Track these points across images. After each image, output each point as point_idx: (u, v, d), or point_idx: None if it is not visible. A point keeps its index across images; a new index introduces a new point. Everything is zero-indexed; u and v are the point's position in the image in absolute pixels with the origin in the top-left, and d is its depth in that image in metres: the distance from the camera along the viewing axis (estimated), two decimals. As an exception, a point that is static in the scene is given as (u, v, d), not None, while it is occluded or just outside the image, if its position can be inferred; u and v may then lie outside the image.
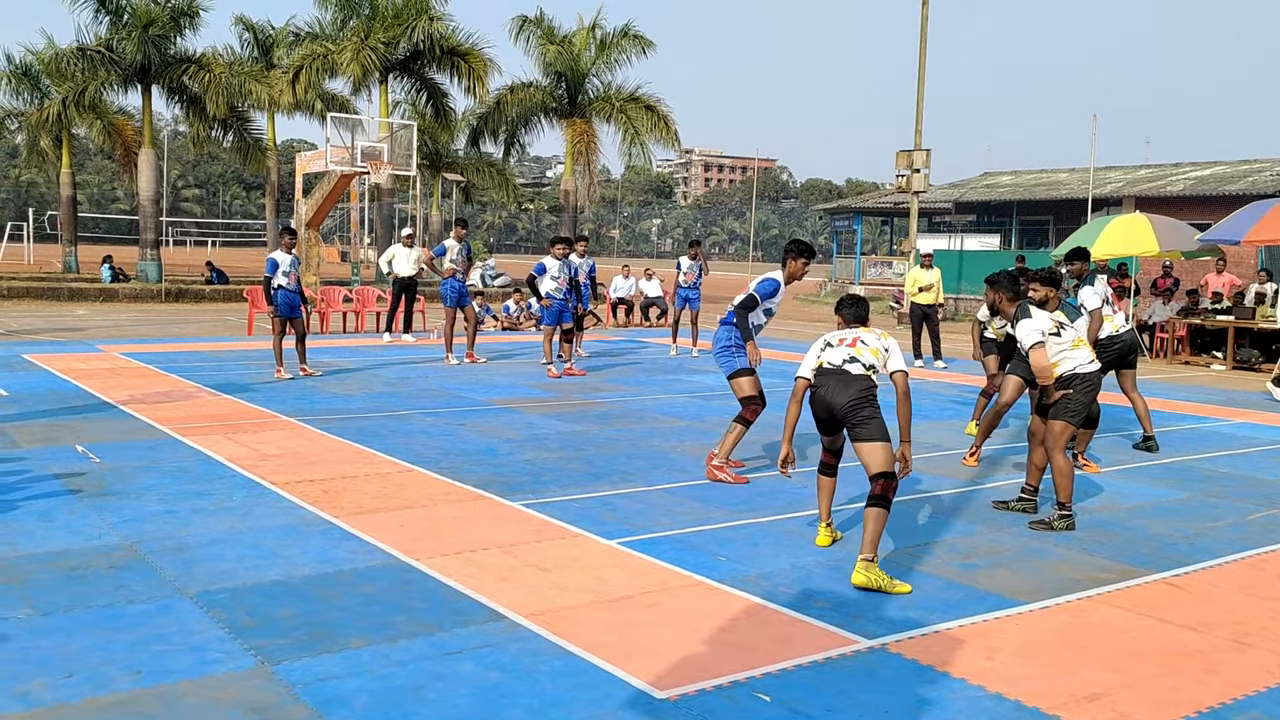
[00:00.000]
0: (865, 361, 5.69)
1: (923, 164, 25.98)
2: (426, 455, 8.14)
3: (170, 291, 26.50)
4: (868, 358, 5.70)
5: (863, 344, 5.76)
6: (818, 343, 5.89)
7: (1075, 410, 6.63)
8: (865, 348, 5.74)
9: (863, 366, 5.67)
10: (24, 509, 6.19)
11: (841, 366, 5.67)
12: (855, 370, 5.65)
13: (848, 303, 6.15)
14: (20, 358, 13.39)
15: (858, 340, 5.79)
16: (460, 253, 14.50)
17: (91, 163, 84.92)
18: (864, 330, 5.91)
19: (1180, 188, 32.47)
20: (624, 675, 4.08)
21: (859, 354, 5.71)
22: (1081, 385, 6.68)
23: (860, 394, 5.57)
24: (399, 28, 29.36)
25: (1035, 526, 6.52)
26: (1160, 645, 4.64)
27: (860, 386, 5.59)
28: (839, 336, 5.88)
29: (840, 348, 5.77)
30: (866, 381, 5.63)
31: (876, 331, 5.89)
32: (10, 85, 34.03)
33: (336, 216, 60.43)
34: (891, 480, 5.44)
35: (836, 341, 5.84)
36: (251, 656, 4.14)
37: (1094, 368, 6.77)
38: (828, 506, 6.01)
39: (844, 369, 5.66)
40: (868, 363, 5.69)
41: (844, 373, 5.65)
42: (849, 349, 5.75)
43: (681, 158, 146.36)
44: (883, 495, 5.40)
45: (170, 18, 28.33)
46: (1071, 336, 6.82)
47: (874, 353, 5.73)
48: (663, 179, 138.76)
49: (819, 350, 5.83)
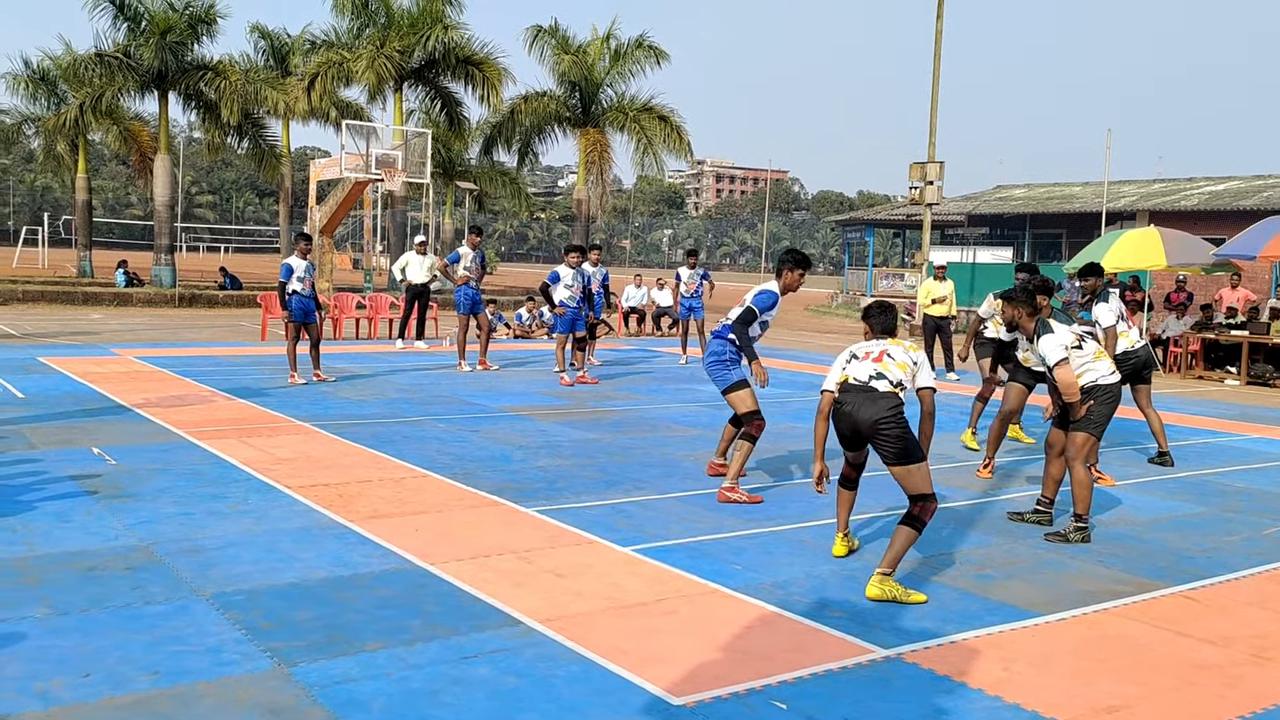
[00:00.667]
0: (893, 378, 5.46)
1: (936, 176, 25.94)
2: (440, 461, 8.15)
3: (184, 296, 26.62)
4: (895, 373, 5.48)
5: (890, 358, 5.53)
6: (843, 355, 5.71)
7: (1098, 422, 6.61)
8: (893, 362, 5.51)
9: (890, 383, 5.44)
10: (41, 510, 6.21)
11: (868, 383, 5.46)
12: (882, 387, 5.43)
13: (875, 311, 5.86)
14: (36, 361, 13.46)
15: (885, 354, 5.55)
16: (474, 260, 14.54)
17: (107, 168, 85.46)
18: (892, 343, 5.66)
19: (1194, 202, 32.38)
20: (640, 682, 4.07)
21: (886, 369, 5.48)
22: (1103, 396, 6.66)
23: (888, 413, 5.34)
24: (414, 36, 29.50)
25: (1051, 538, 6.49)
26: (1179, 658, 4.61)
27: (888, 405, 5.37)
28: (865, 349, 5.65)
29: (866, 362, 5.55)
30: (894, 399, 5.40)
31: (905, 344, 5.67)
32: (28, 90, 34.31)
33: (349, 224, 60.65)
34: (930, 503, 5.31)
35: (863, 355, 5.61)
36: (268, 658, 4.14)
37: (1115, 379, 6.76)
38: (846, 517, 5.94)
39: (870, 385, 5.45)
40: (895, 379, 5.46)
41: (870, 389, 5.44)
42: (875, 364, 5.52)
43: (693, 168, 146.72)
44: (918, 517, 5.28)
45: (188, 25, 28.51)
46: (1093, 348, 6.80)
47: (902, 367, 5.51)
48: (674, 190, 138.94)
49: (844, 363, 5.64)
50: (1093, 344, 6.85)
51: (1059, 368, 6.52)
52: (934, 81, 25.83)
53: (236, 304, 26.84)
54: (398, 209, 31.21)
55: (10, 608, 4.57)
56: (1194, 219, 30.34)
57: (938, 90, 25.91)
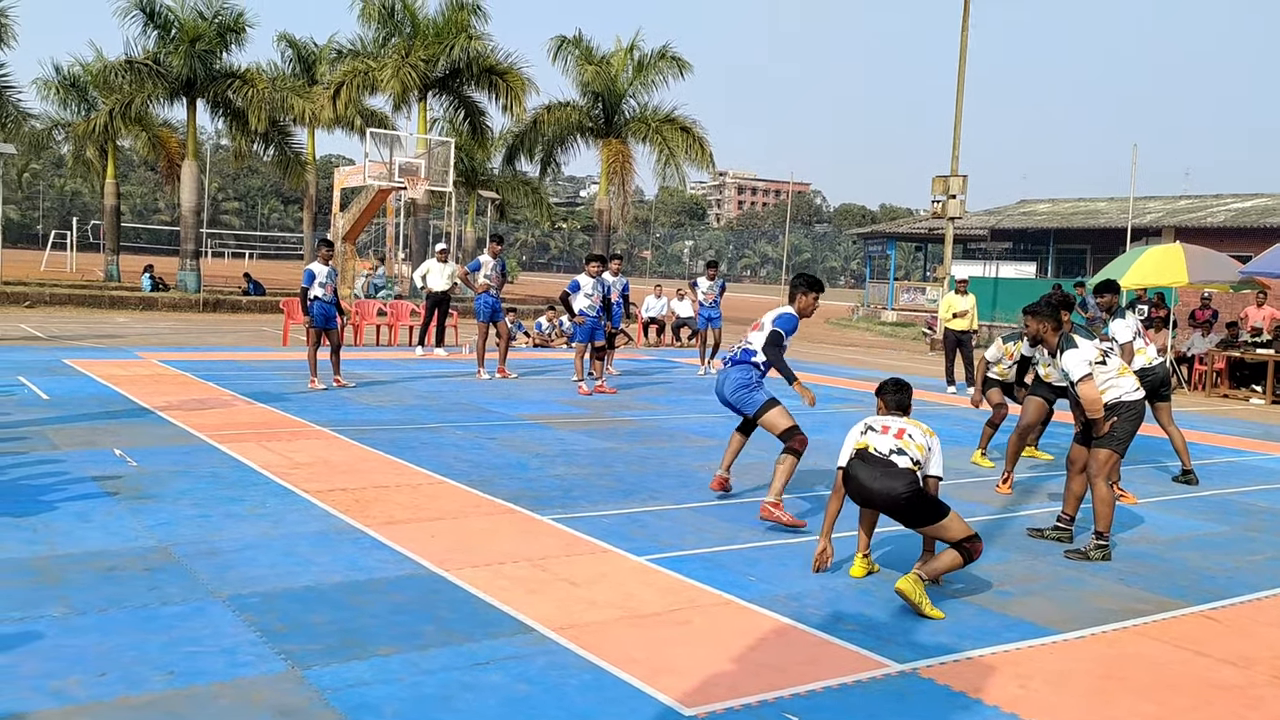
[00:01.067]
0: (912, 456, 5.43)
1: (959, 190, 25.87)
2: (457, 468, 8.17)
3: (208, 301, 26.84)
4: (915, 453, 5.44)
5: (910, 438, 5.50)
6: (857, 427, 5.69)
7: (1121, 439, 6.55)
8: (912, 442, 5.48)
9: (910, 461, 5.41)
10: (62, 510, 6.27)
11: (889, 456, 5.43)
12: (903, 464, 5.40)
13: (890, 388, 5.85)
14: (61, 363, 13.59)
15: (904, 432, 5.53)
16: (495, 269, 14.59)
17: (135, 174, 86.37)
18: (910, 423, 5.62)
19: (1221, 219, 32.13)
20: (652, 691, 4.06)
21: (906, 447, 5.45)
22: (1127, 413, 6.60)
23: (906, 490, 5.33)
24: (439, 46, 29.69)
25: (1071, 555, 6.44)
26: (1199, 678, 4.56)
27: (906, 481, 5.35)
28: (883, 423, 5.62)
29: (886, 436, 5.52)
30: (912, 477, 5.38)
31: (922, 427, 5.63)
32: (58, 96, 34.72)
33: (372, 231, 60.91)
34: (977, 542, 5.35)
35: (880, 428, 5.58)
36: (282, 660, 4.16)
37: (1139, 395, 6.69)
38: (867, 538, 5.82)
39: (891, 460, 5.41)
40: (915, 458, 5.43)
41: (890, 464, 5.40)
42: (896, 440, 5.49)
43: (715, 180, 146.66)
44: (969, 551, 5.32)
45: (217, 33, 28.82)
46: (1117, 364, 6.74)
47: (919, 449, 5.48)
48: (696, 201, 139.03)
49: (859, 433, 5.62)
50: (1117, 360, 6.79)
51: (1082, 383, 6.47)
52: (958, 94, 25.77)
53: (259, 309, 27.04)
54: (420, 217, 31.37)
55: (29, 606, 4.61)
56: (1221, 236, 30.09)
57: (962, 103, 25.85)
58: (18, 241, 71.34)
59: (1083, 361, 6.50)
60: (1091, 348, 6.66)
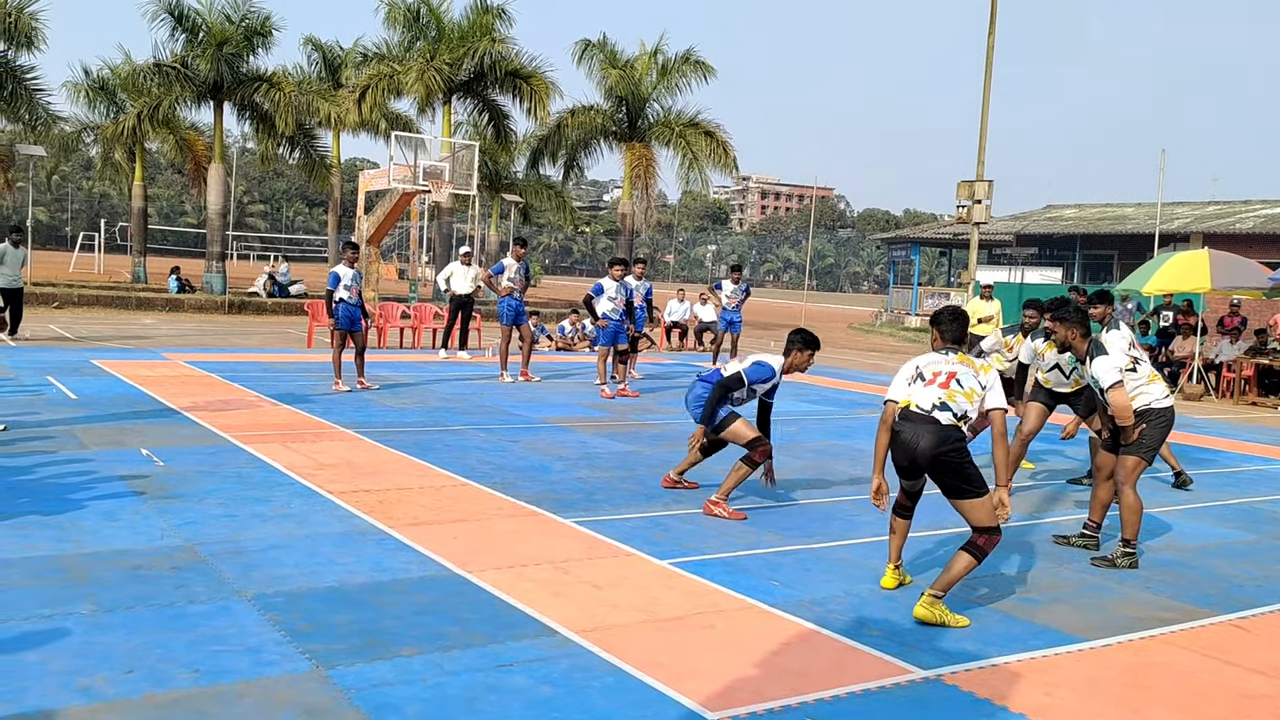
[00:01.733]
0: (957, 410, 5.20)
1: (984, 195, 25.72)
2: (480, 470, 8.19)
3: (233, 303, 27.04)
4: (961, 404, 5.21)
5: (958, 385, 5.24)
6: (909, 367, 5.44)
7: (1149, 446, 6.47)
8: (960, 391, 5.22)
9: (954, 415, 5.20)
10: (89, 509, 6.32)
11: (930, 413, 5.21)
12: (945, 419, 5.19)
13: (946, 318, 5.48)
14: (89, 363, 13.72)
15: (953, 379, 5.25)
16: (518, 272, 14.62)
17: (163, 176, 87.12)
18: (961, 361, 5.35)
19: (1250, 225, 31.80)
20: (675, 695, 4.05)
21: (952, 400, 5.21)
22: (1156, 420, 6.52)
23: (949, 446, 5.14)
24: (463, 49, 29.80)
25: (1097, 563, 6.38)
26: (1228, 688, 4.50)
27: (950, 437, 5.15)
28: (934, 369, 5.33)
29: (933, 387, 5.26)
30: (956, 433, 5.17)
31: (976, 365, 5.37)
32: (87, 99, 35.08)
33: (395, 234, 61.31)
34: (995, 535, 5.14)
35: (930, 376, 5.31)
36: (306, 660, 4.18)
37: (1169, 403, 6.61)
38: (898, 548, 5.66)
39: (933, 416, 5.20)
40: (960, 411, 5.21)
41: (933, 420, 5.19)
42: (941, 390, 5.24)
43: (739, 184, 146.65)
44: (981, 548, 5.12)
45: (244, 36, 29.03)
46: (1147, 371, 6.66)
47: (969, 396, 5.23)
48: (719, 205, 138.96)
49: (910, 378, 5.37)
50: (1147, 367, 6.71)
51: (1113, 391, 6.37)
52: (984, 99, 25.63)
53: (283, 311, 27.22)
54: (444, 220, 31.50)
55: (57, 604, 4.65)
56: (1250, 242, 29.79)
57: (988, 108, 25.71)
58: (47, 243, 72.18)
59: (1113, 369, 6.41)
60: (1122, 354, 6.59)
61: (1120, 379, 6.40)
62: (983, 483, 5.18)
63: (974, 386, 5.27)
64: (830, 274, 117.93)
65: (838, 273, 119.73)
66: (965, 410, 5.23)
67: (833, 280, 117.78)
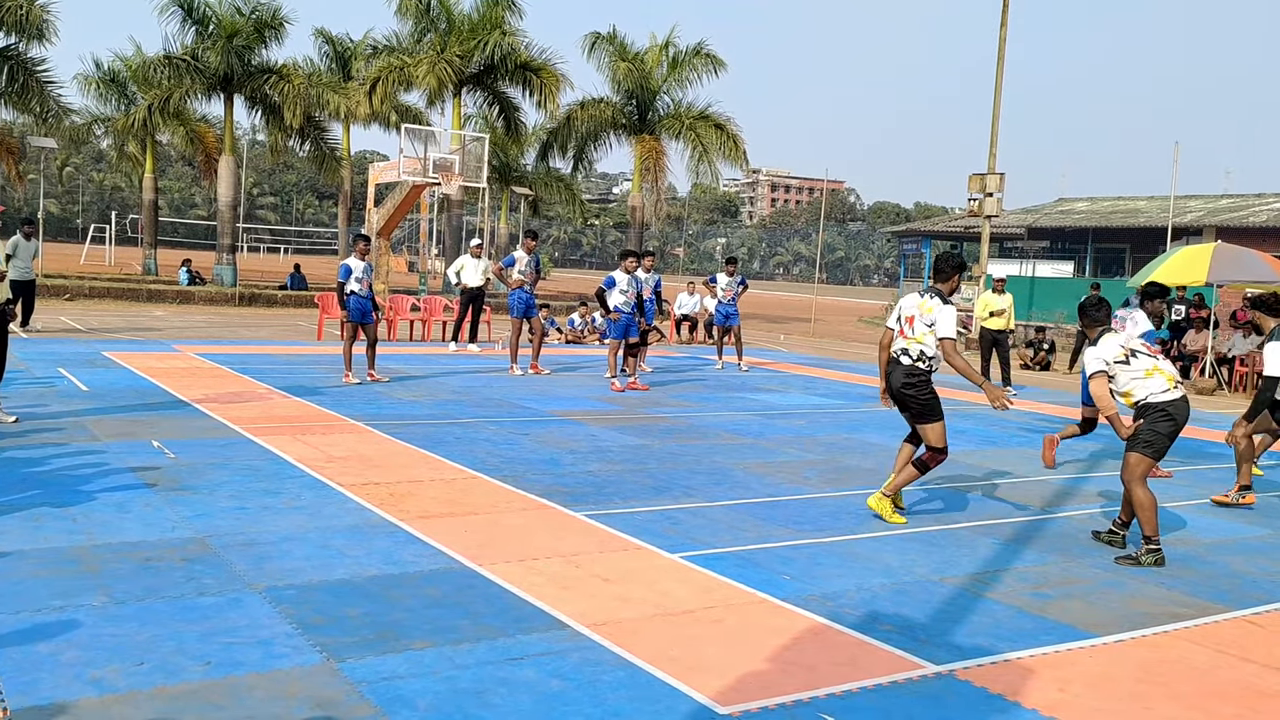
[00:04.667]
0: (913, 352, 6.65)
1: (996, 188, 25.57)
2: (491, 463, 8.19)
3: (244, 295, 27.10)
4: (915, 347, 6.65)
5: (912, 330, 6.67)
6: (899, 305, 6.91)
7: (1148, 441, 6.40)
8: (912, 338, 6.66)
9: (910, 358, 6.65)
10: (101, 500, 6.34)
11: (899, 357, 6.74)
12: (905, 361, 6.68)
13: (940, 262, 6.81)
14: (100, 355, 13.76)
15: (910, 323, 6.69)
16: (529, 265, 14.62)
17: (173, 169, 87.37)
18: (922, 308, 6.65)
19: (1264, 218, 31.61)
20: (686, 689, 4.04)
21: (909, 345, 6.69)
22: (1155, 415, 6.45)
23: (907, 379, 6.63)
24: (474, 42, 29.76)
25: (1122, 562, 6.30)
26: (1243, 684, 4.47)
27: (906, 373, 6.67)
28: (906, 315, 6.77)
29: (900, 339, 6.78)
30: (913, 370, 6.65)
31: (925, 305, 6.64)
32: (98, 91, 35.15)
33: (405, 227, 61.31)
34: (940, 455, 6.69)
35: (905, 319, 6.77)
36: (318, 653, 4.18)
37: (1170, 396, 6.46)
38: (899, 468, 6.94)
39: (899, 359, 6.73)
40: (914, 352, 6.64)
41: (897, 361, 6.76)
42: (902, 339, 6.74)
43: (749, 177, 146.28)
44: (925, 462, 6.68)
45: (254, 29, 29.04)
46: (1145, 364, 6.57)
47: (919, 340, 6.62)
48: (729, 198, 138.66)
49: (895, 316, 6.93)
50: (1145, 360, 6.59)
51: (1092, 380, 6.51)
52: (996, 92, 25.50)
53: (294, 304, 27.26)
54: (454, 213, 31.49)
55: (69, 596, 4.66)
56: (1263, 235, 29.60)
57: (999, 101, 25.57)
58: (58, 235, 72.45)
59: (1095, 359, 6.51)
60: (1114, 345, 6.54)
61: (1101, 369, 6.44)
62: (937, 411, 6.68)
63: (922, 331, 6.64)
64: (840, 267, 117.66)
65: (848, 266, 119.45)
66: (920, 351, 6.67)
67: (843, 273, 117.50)
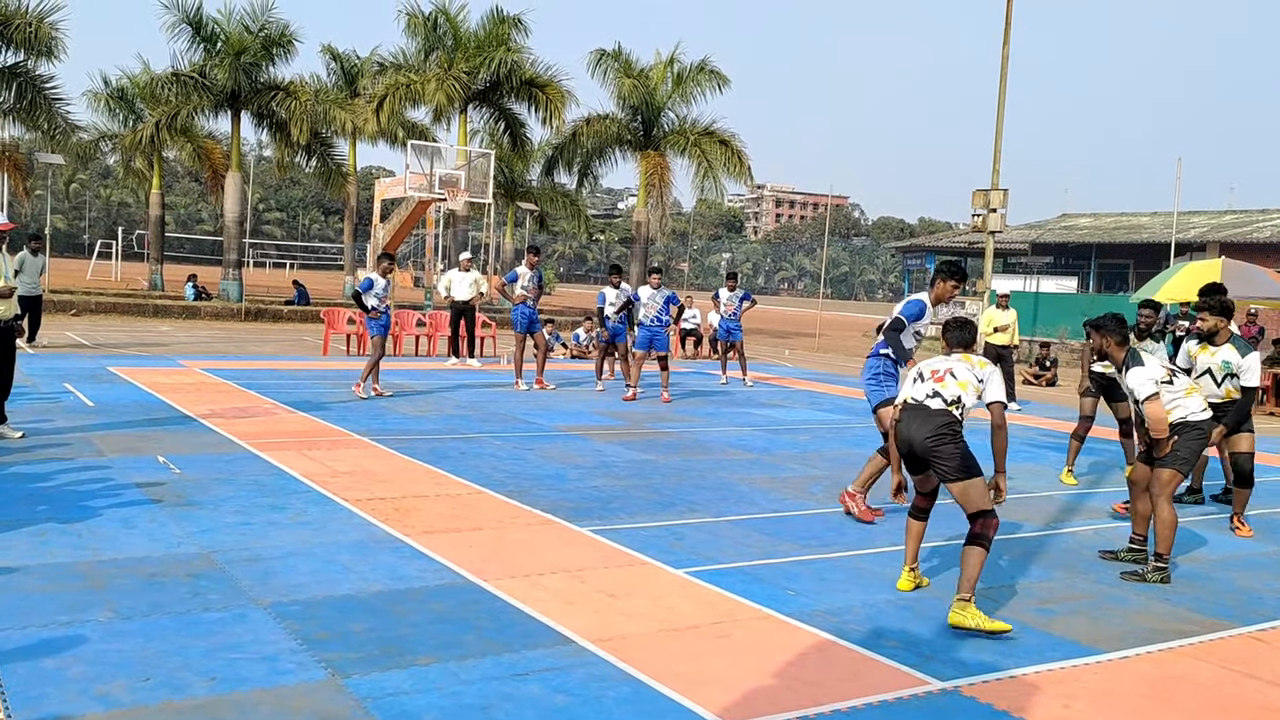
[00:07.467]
0: (948, 396, 5.48)
1: (999, 204, 25.59)
2: (496, 478, 8.20)
3: (250, 310, 27.16)
4: (952, 391, 5.49)
5: (952, 377, 5.53)
6: (912, 372, 5.77)
7: (1185, 459, 6.41)
8: (953, 381, 5.51)
9: (944, 401, 5.47)
10: (107, 516, 6.35)
11: (923, 401, 5.51)
12: (935, 405, 5.47)
13: (953, 326, 5.86)
14: (106, 370, 13.80)
15: (948, 373, 5.56)
16: (532, 280, 14.67)
17: (179, 184, 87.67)
18: (960, 361, 5.64)
19: (1267, 234, 31.61)
20: (691, 705, 4.04)
21: (943, 388, 5.51)
22: (1191, 434, 6.47)
23: (938, 430, 5.37)
24: (480, 59, 29.92)
25: (1127, 578, 6.28)
26: (1247, 701, 4.46)
27: (939, 423, 5.40)
28: (933, 368, 5.65)
29: (928, 382, 5.59)
30: (946, 417, 5.42)
31: (974, 361, 5.64)
32: (106, 108, 35.34)
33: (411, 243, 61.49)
34: (991, 518, 5.27)
35: (929, 374, 5.63)
36: (323, 668, 4.18)
37: (1205, 415, 6.56)
38: (914, 551, 5.76)
39: (924, 404, 5.50)
40: (951, 397, 5.48)
41: (924, 408, 5.49)
42: (935, 383, 5.55)
43: (753, 193, 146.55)
44: (982, 534, 5.22)
45: (262, 46, 29.20)
46: (1185, 384, 6.61)
47: (962, 385, 5.50)
48: (734, 213, 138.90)
49: (912, 380, 5.69)
50: (1184, 379, 6.66)
51: (1149, 403, 6.34)
52: (999, 108, 25.55)
53: (300, 319, 27.32)
54: (459, 228, 31.58)
55: (75, 611, 4.67)
56: (1267, 251, 29.60)
57: (1003, 116, 25.62)
58: (64, 251, 72.64)
59: (1149, 380, 6.37)
60: (1159, 366, 6.54)
61: (1156, 390, 6.35)
62: (974, 467, 5.36)
63: (968, 379, 5.54)
64: (845, 282, 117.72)
65: (852, 281, 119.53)
66: (958, 396, 5.49)
67: (847, 288, 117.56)
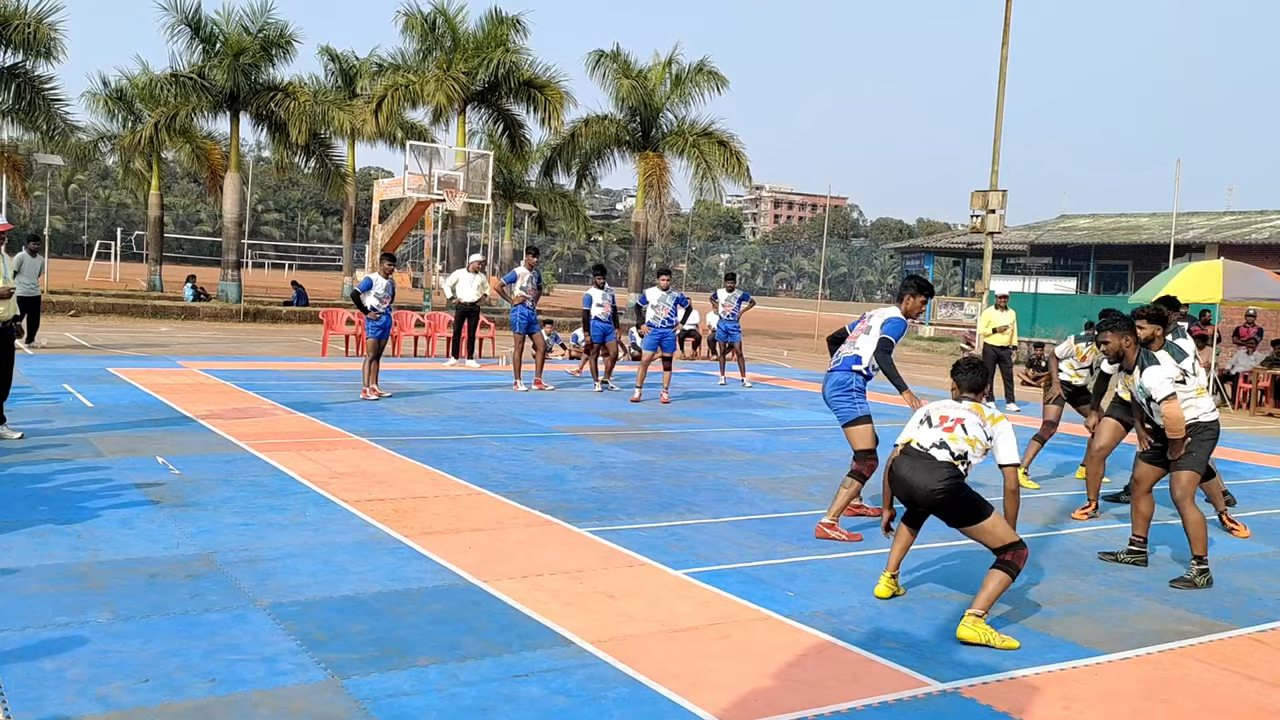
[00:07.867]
0: (956, 450, 5.24)
1: (998, 205, 25.63)
2: (495, 479, 8.20)
3: (249, 311, 27.15)
4: (960, 446, 5.24)
5: (962, 430, 5.28)
6: (920, 412, 5.56)
7: (1201, 459, 6.42)
8: (963, 435, 5.27)
9: (951, 455, 5.23)
10: (106, 517, 6.35)
11: (928, 450, 5.28)
12: (941, 457, 5.23)
13: (963, 368, 5.57)
14: (105, 371, 13.79)
15: (959, 424, 5.31)
16: (530, 281, 14.67)
17: (178, 185, 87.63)
18: (972, 410, 5.39)
19: (1266, 235, 31.64)
20: (690, 706, 4.04)
21: (952, 441, 5.26)
22: (1204, 434, 6.48)
23: (943, 483, 5.15)
24: (478, 60, 29.91)
25: (1176, 585, 6.22)
26: (1247, 701, 4.47)
27: (943, 475, 5.17)
28: (942, 413, 5.41)
29: (936, 429, 5.35)
30: (951, 470, 5.19)
31: (988, 413, 5.40)
32: (105, 109, 35.31)
33: (410, 243, 61.51)
34: (1020, 549, 5.10)
35: (937, 420, 5.39)
36: (322, 670, 4.18)
37: (1216, 416, 6.58)
38: (898, 558, 5.63)
39: (930, 453, 5.27)
40: (958, 451, 5.24)
41: (929, 457, 5.26)
42: (943, 433, 5.30)
43: (752, 194, 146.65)
44: (1011, 563, 5.07)
45: (261, 47, 29.18)
46: (1196, 384, 6.62)
47: (971, 443, 5.26)
48: (732, 214, 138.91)
49: (918, 421, 5.48)
50: (1195, 380, 6.66)
51: (1167, 403, 6.27)
52: (998, 108, 25.58)
53: (298, 320, 27.32)
54: (458, 229, 31.58)
55: (74, 612, 4.67)
56: (1265, 252, 29.63)
57: (1001, 117, 25.65)
58: (63, 251, 72.61)
59: (1166, 380, 6.31)
60: (1173, 365, 6.53)
61: (1174, 391, 6.33)
62: (984, 508, 5.17)
63: (978, 435, 5.31)
64: (844, 283, 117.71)
65: (851, 282, 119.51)
66: (965, 451, 5.27)
67: (846, 289, 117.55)
